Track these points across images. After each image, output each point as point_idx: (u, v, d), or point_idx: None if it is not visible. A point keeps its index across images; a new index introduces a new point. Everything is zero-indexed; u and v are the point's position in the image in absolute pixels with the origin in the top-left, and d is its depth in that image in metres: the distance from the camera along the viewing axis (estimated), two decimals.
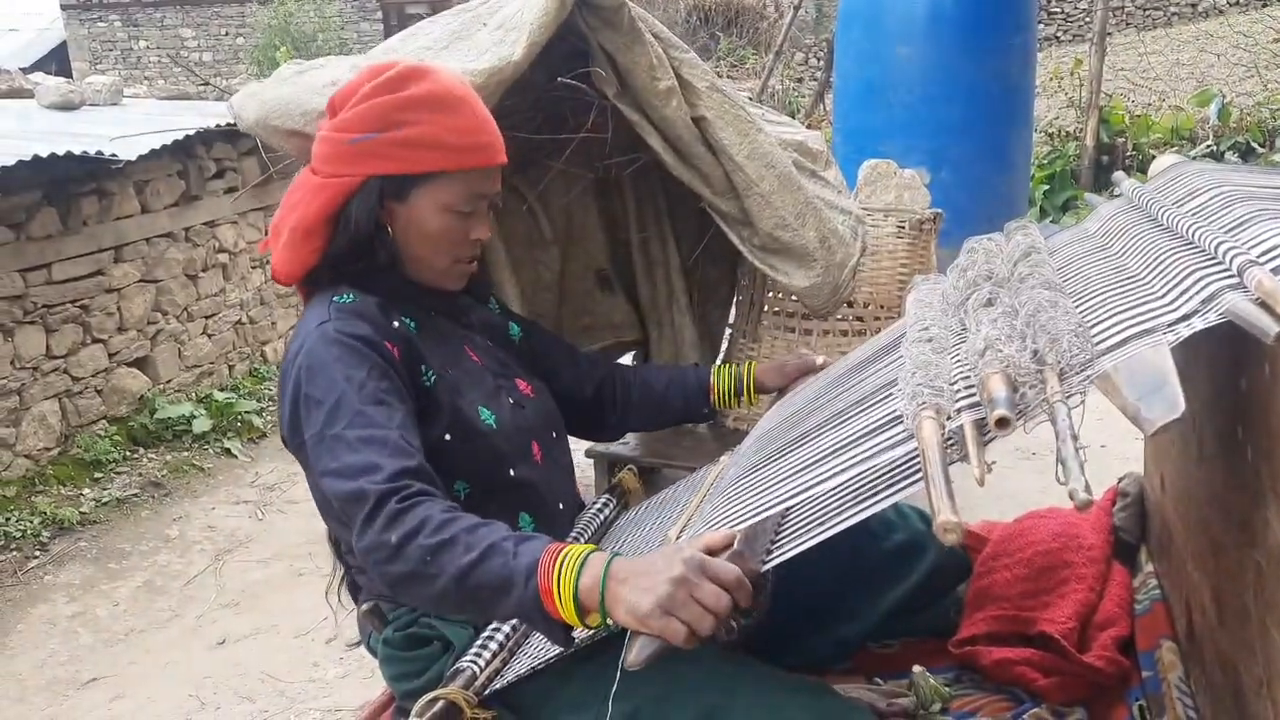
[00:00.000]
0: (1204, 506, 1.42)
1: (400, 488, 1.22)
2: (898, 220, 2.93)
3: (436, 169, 1.44)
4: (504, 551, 1.15)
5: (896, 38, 5.65)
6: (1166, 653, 1.52)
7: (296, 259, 1.49)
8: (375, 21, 17.22)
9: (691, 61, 2.11)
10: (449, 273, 1.53)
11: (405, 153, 1.43)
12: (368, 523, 1.21)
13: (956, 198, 4.50)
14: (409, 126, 1.42)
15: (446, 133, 1.43)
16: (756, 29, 14.56)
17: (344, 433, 1.28)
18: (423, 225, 1.47)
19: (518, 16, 1.96)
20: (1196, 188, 1.47)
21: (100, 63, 17.11)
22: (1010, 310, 1.17)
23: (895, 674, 1.64)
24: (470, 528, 1.18)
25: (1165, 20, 14.10)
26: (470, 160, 1.45)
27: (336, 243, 1.47)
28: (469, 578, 1.15)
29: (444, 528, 1.18)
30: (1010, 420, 0.92)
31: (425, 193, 1.45)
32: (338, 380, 1.33)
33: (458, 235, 1.49)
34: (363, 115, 1.43)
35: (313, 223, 1.46)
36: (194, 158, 4.86)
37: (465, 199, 1.47)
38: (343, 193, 1.45)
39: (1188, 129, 8.47)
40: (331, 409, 1.31)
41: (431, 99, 1.43)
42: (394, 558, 1.19)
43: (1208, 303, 0.99)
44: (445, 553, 1.16)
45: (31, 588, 3.46)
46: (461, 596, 1.17)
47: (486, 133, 1.47)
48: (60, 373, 4.19)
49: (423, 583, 1.19)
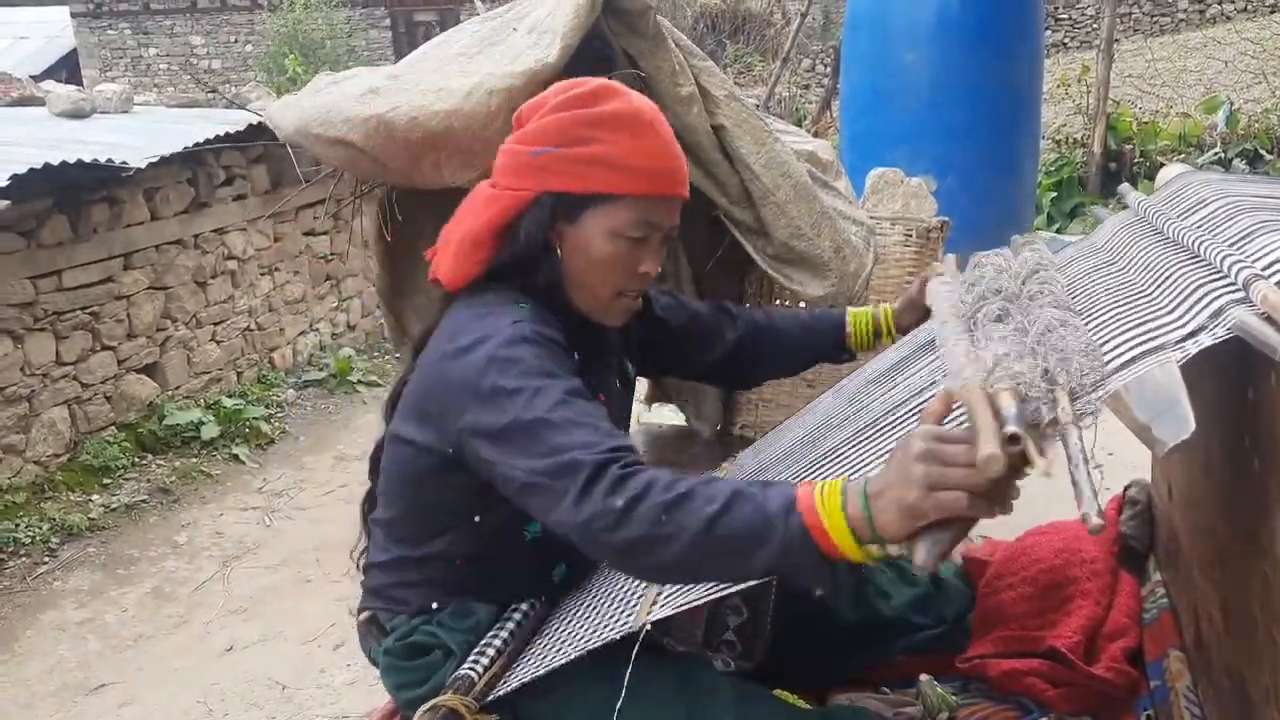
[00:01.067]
0: (1211, 516, 1.42)
1: (618, 457, 1.15)
2: (905, 228, 2.93)
3: (612, 191, 1.37)
4: (750, 498, 1.07)
5: (903, 44, 5.66)
6: (1174, 662, 1.52)
7: (460, 268, 1.44)
8: (383, 29, 17.26)
9: (710, 69, 2.12)
10: (611, 307, 1.46)
11: (583, 170, 1.37)
12: (586, 491, 1.13)
13: (963, 205, 4.49)
14: (592, 144, 1.37)
15: (629, 154, 1.37)
16: (763, 36, 14.57)
17: (549, 415, 1.21)
18: (590, 250, 1.40)
19: (549, 20, 1.97)
20: (1202, 199, 1.47)
21: (110, 70, 17.17)
22: (1021, 328, 1.17)
23: (902, 683, 1.64)
24: (705, 481, 1.11)
25: (1173, 26, 14.08)
26: (648, 186, 1.39)
27: (501, 256, 1.42)
28: (716, 528, 1.07)
29: (675, 485, 1.10)
30: (1021, 437, 0.91)
31: (597, 216, 1.38)
32: (538, 373, 1.26)
33: (625, 265, 1.41)
34: (547, 128, 1.39)
35: (482, 233, 1.42)
36: (203, 165, 4.88)
37: (637, 225, 1.39)
38: (515, 206, 1.40)
39: (1195, 136, 8.47)
40: (533, 395, 1.23)
41: (619, 118, 1.38)
42: (621, 522, 1.10)
43: (1215, 318, 0.99)
44: (683, 507, 1.08)
45: (40, 594, 3.47)
46: (707, 551, 1.08)
47: (670, 159, 1.41)
48: (70, 379, 4.21)
49: (658, 545, 1.09)
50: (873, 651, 1.68)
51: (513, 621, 1.43)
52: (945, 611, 1.73)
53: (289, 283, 5.65)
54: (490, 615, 1.45)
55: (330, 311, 6.10)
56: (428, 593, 1.47)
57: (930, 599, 1.73)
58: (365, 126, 1.97)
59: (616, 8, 1.99)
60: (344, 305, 6.23)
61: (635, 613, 1.26)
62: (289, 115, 2.14)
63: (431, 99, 1.94)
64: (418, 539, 1.47)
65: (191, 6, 17.33)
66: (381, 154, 1.98)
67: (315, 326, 5.93)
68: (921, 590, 1.73)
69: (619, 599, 1.34)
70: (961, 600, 1.76)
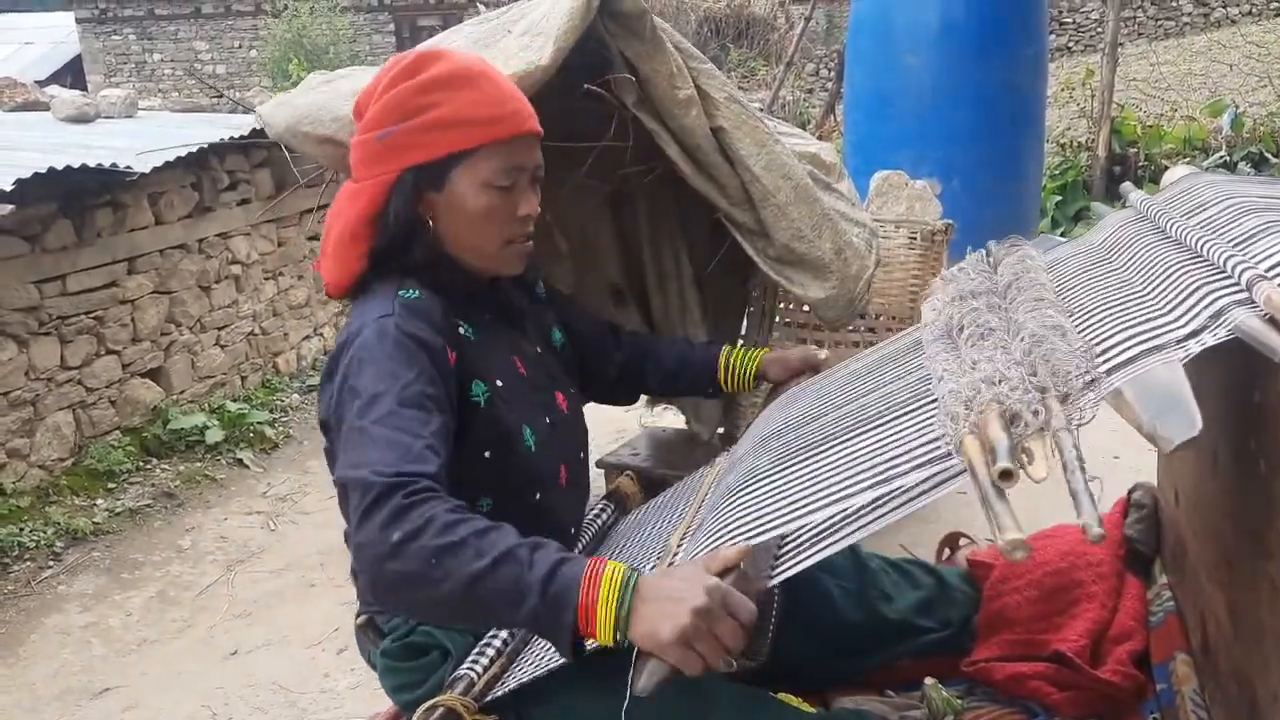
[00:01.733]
0: (1218, 519, 1.42)
1: (407, 483, 1.16)
2: (909, 231, 2.93)
3: (466, 147, 1.40)
4: (519, 560, 1.10)
5: (907, 48, 5.66)
6: (1181, 666, 1.51)
7: (343, 267, 1.47)
8: (387, 34, 17.31)
9: (710, 72, 2.11)
10: (503, 255, 1.48)
11: (432, 136, 1.40)
12: (368, 515, 1.15)
13: (967, 208, 4.49)
14: (433, 109, 1.39)
15: (469, 107, 1.39)
16: (767, 40, 14.57)
17: (370, 427, 1.24)
18: (466, 208, 1.42)
19: (543, 23, 1.97)
20: (1206, 199, 1.46)
21: (115, 75, 17.23)
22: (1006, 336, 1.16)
23: (907, 686, 1.63)
24: (479, 531, 1.13)
25: (1177, 30, 14.06)
26: (498, 131, 1.41)
27: (378, 244, 1.45)
28: (477, 585, 1.10)
29: (451, 529, 1.12)
30: (1012, 473, 0.90)
31: (461, 174, 1.41)
32: (383, 377, 1.29)
33: (504, 213, 1.44)
34: (385, 109, 1.42)
35: (356, 227, 1.44)
36: (207, 170, 4.89)
37: (502, 173, 1.42)
38: (381, 192, 1.42)
39: (1200, 139, 8.45)
40: (367, 403, 1.26)
41: (449, 77, 1.40)
42: (393, 556, 1.12)
43: (1216, 318, 0.98)
44: (453, 555, 1.11)
45: (45, 598, 3.47)
46: (466, 603, 1.13)
47: (511, 101, 1.44)
48: (74, 383, 4.21)
49: (423, 585, 1.12)
50: (877, 654, 1.67)
51: None
52: (950, 614, 1.72)
53: (293, 287, 5.65)
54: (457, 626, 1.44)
55: (334, 316, 6.09)
56: None
57: (934, 602, 1.72)
58: (353, 125, 1.98)
59: (613, 10, 1.98)
60: (348, 310, 6.21)
61: None
62: (281, 113, 2.15)
63: None
64: None
65: (196, 12, 17.39)
66: None
67: (319, 331, 5.93)
68: (926, 593, 1.73)
69: None
70: (966, 603, 1.75)
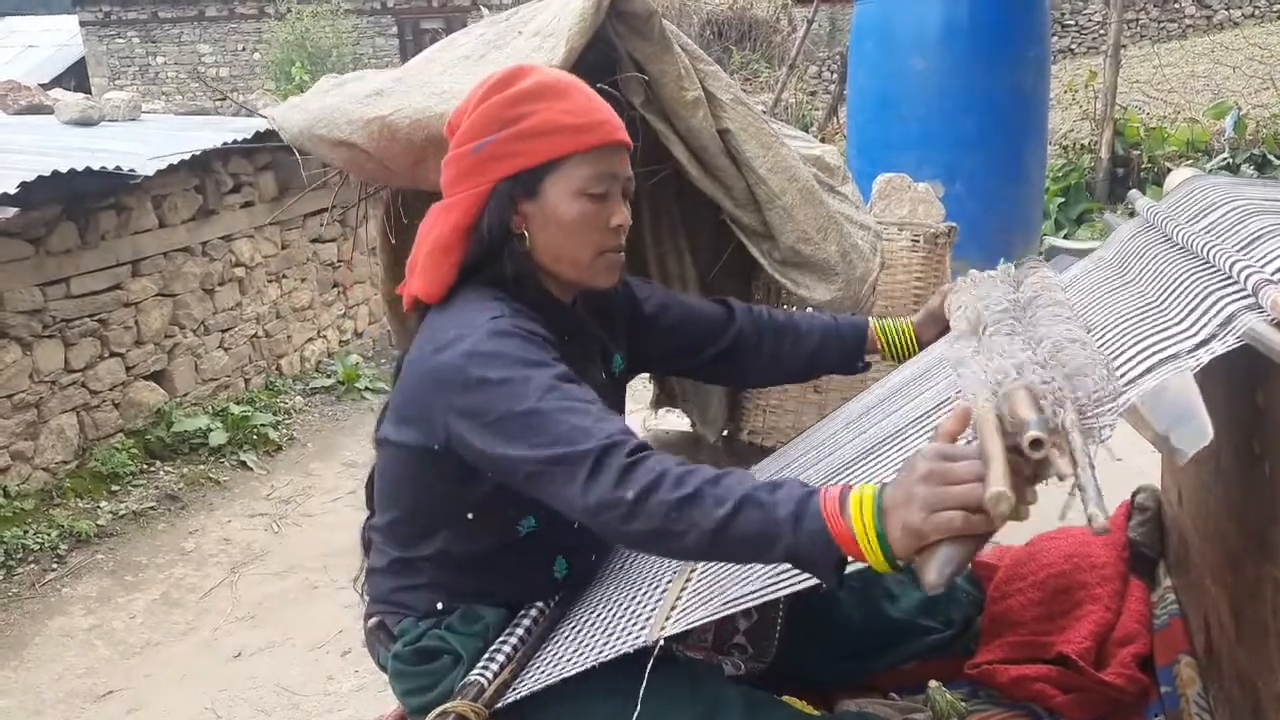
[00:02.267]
0: (1221, 521, 1.42)
1: (623, 441, 1.18)
2: (912, 234, 2.92)
3: (560, 154, 1.41)
4: (760, 503, 1.09)
5: (910, 51, 5.66)
6: (1185, 668, 1.51)
7: (435, 277, 1.45)
8: (390, 37, 17.32)
9: (716, 74, 2.11)
10: (595, 266, 1.47)
11: (527, 145, 1.40)
12: (594, 479, 1.16)
13: (971, 211, 4.49)
14: (525, 119, 1.40)
15: (562, 115, 1.40)
16: (770, 42, 14.59)
17: (541, 406, 1.23)
18: (559, 216, 1.42)
19: (554, 24, 1.97)
20: (1211, 203, 1.47)
21: (118, 78, 17.25)
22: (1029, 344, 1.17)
23: (910, 689, 1.63)
24: (713, 479, 1.13)
25: (1180, 32, 14.06)
26: (590, 139, 1.42)
27: (470, 255, 1.44)
28: (726, 530, 1.09)
29: (684, 481, 1.12)
30: (1044, 442, 0.90)
31: (555, 182, 1.42)
32: (524, 364, 1.28)
33: (597, 221, 1.43)
34: (478, 122, 1.42)
35: (449, 240, 1.43)
36: (211, 173, 4.90)
37: (595, 180, 1.42)
38: (475, 203, 1.42)
39: (1203, 141, 8.45)
40: (520, 385, 1.25)
41: (541, 89, 1.41)
42: (632, 515, 1.13)
43: (1225, 326, 0.99)
44: (693, 506, 1.11)
45: (49, 600, 3.48)
46: (716, 549, 1.13)
47: (601, 111, 1.44)
48: (78, 386, 4.22)
49: (669, 539, 1.14)
50: (880, 654, 1.67)
51: (522, 627, 1.42)
52: (953, 614, 1.72)
53: (296, 290, 5.66)
54: (499, 619, 1.44)
55: (337, 318, 6.10)
56: (431, 595, 1.47)
57: (938, 601, 1.72)
58: (369, 128, 1.98)
59: (622, 11, 1.98)
60: (351, 312, 6.24)
61: (650, 627, 1.25)
62: (294, 117, 2.15)
63: (435, 101, 1.94)
64: (414, 540, 1.48)
65: (199, 15, 17.42)
66: (384, 155, 1.99)
67: (323, 333, 5.94)
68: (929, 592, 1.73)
69: (633, 611, 1.34)
70: (969, 603, 1.75)
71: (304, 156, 2.24)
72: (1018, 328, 1.27)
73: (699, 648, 1.58)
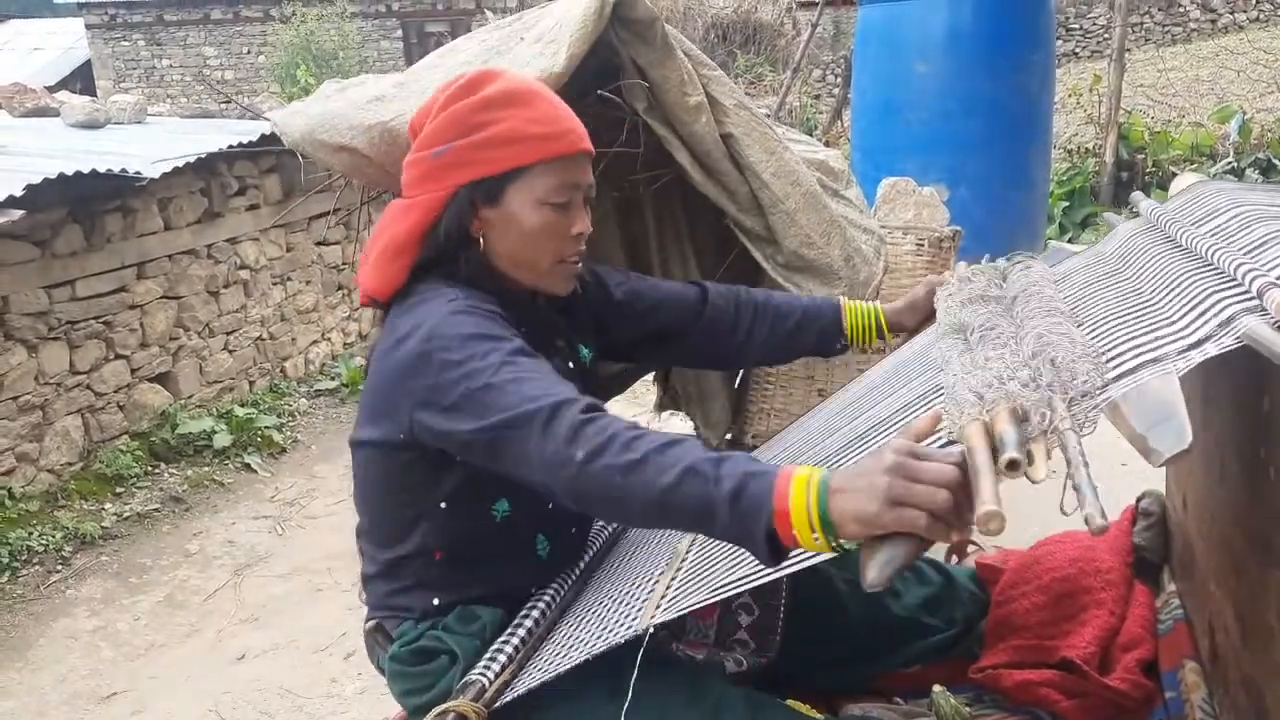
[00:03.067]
0: (1226, 526, 1.42)
1: (573, 399, 1.19)
2: (917, 238, 2.93)
3: (524, 163, 1.41)
4: (703, 476, 1.08)
5: (915, 55, 5.66)
6: (1190, 674, 1.51)
7: (384, 277, 1.46)
8: (395, 40, 17.34)
9: (719, 79, 2.12)
10: (554, 274, 1.49)
11: (490, 153, 1.41)
12: (547, 432, 1.17)
13: (975, 215, 4.49)
14: (490, 126, 1.40)
15: (527, 124, 1.41)
16: (774, 46, 14.58)
17: (496, 380, 1.24)
18: (521, 225, 1.43)
19: (556, 30, 1.98)
20: (1216, 207, 1.47)
21: (124, 81, 17.29)
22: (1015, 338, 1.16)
23: (914, 693, 1.63)
24: (660, 447, 1.12)
25: (1185, 36, 14.04)
26: (555, 149, 1.43)
27: (424, 256, 1.45)
28: (667, 500, 1.09)
29: (632, 445, 1.12)
30: (1019, 463, 0.90)
31: (517, 191, 1.42)
32: (481, 341, 1.29)
33: (558, 230, 1.45)
34: (442, 126, 1.43)
35: (403, 241, 1.44)
36: (216, 175, 4.91)
37: (558, 190, 1.43)
38: (434, 207, 1.43)
39: (1208, 145, 8.43)
40: (476, 363, 1.26)
41: (506, 95, 1.42)
42: (580, 475, 1.14)
43: (1224, 327, 0.98)
44: (637, 473, 1.11)
45: (53, 602, 3.48)
46: (658, 516, 1.14)
47: (566, 120, 1.45)
48: (83, 388, 4.22)
49: (610, 503, 1.15)
50: (883, 655, 1.67)
51: (524, 629, 1.42)
52: (955, 612, 1.72)
53: (301, 292, 5.67)
54: (496, 619, 1.45)
55: (342, 321, 6.11)
56: (424, 593, 1.47)
57: (942, 599, 1.72)
58: (370, 133, 1.98)
59: (625, 18, 1.99)
60: (356, 314, 6.25)
61: (640, 616, 1.26)
62: (296, 122, 2.15)
63: None
64: (395, 539, 1.48)
65: (205, 18, 17.45)
66: (385, 160, 2.00)
67: (327, 336, 5.95)
68: (933, 589, 1.72)
69: (625, 603, 1.34)
70: (973, 603, 1.75)
71: (306, 161, 2.25)
72: (1005, 325, 1.27)
73: (701, 644, 1.58)
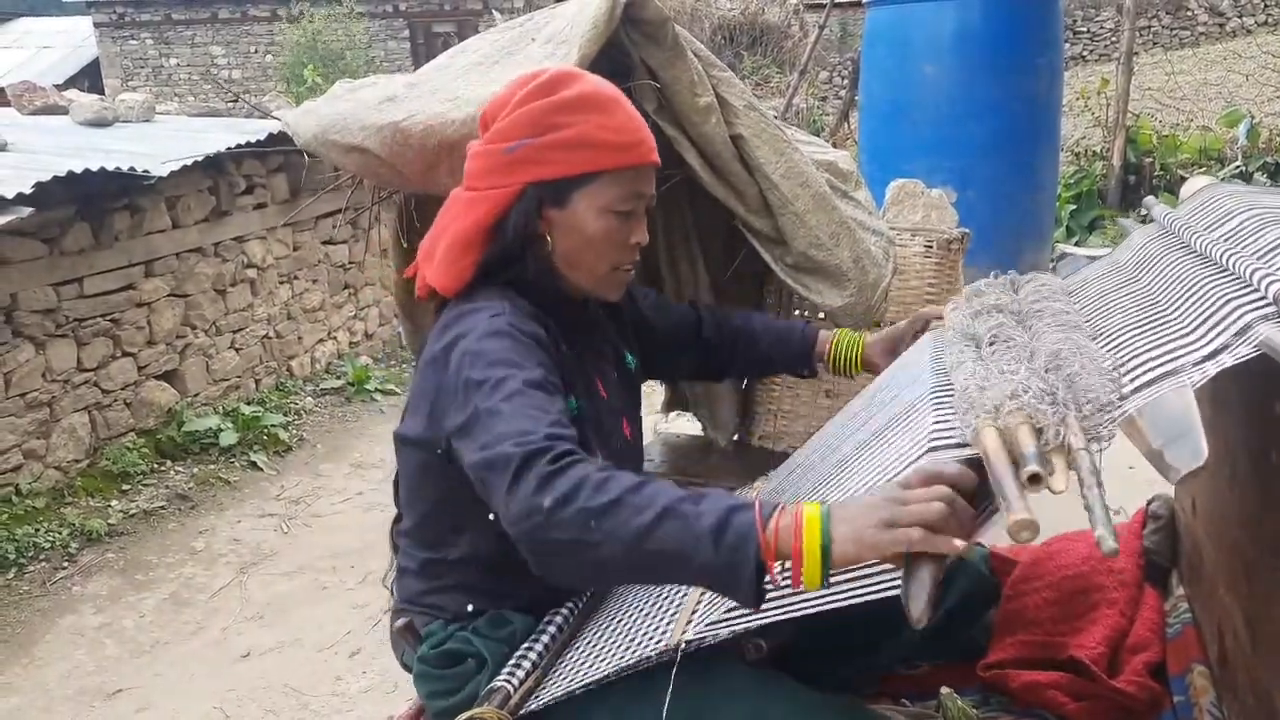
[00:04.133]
0: (1236, 530, 1.41)
1: (549, 448, 1.15)
2: (925, 240, 2.92)
3: (595, 169, 1.41)
4: (681, 515, 1.07)
5: (923, 57, 5.64)
6: (1198, 677, 1.50)
7: (453, 273, 1.46)
8: (402, 40, 17.35)
9: (729, 80, 2.11)
10: (609, 280, 1.49)
11: (563, 155, 1.40)
12: (516, 484, 1.13)
13: (983, 217, 4.47)
14: (565, 129, 1.40)
15: (602, 131, 1.40)
16: (781, 47, 14.57)
17: (500, 405, 1.23)
18: (584, 229, 1.43)
19: (567, 31, 1.98)
20: (1229, 211, 1.46)
21: (132, 79, 17.32)
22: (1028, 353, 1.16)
23: (922, 695, 1.63)
24: (634, 487, 1.10)
25: (1193, 40, 14.02)
26: (628, 158, 1.42)
27: (491, 253, 1.45)
28: (645, 542, 1.07)
29: (604, 488, 1.09)
30: (1042, 477, 0.91)
31: (584, 195, 1.42)
32: (503, 365, 1.28)
33: (619, 238, 1.45)
34: (517, 122, 1.42)
35: (471, 235, 1.44)
36: (224, 174, 4.91)
37: (625, 199, 1.43)
38: (501, 203, 1.43)
39: (1216, 149, 8.42)
40: (493, 386, 1.25)
41: (584, 100, 1.41)
42: (549, 524, 1.10)
43: (1240, 335, 0.98)
44: (612, 515, 1.08)
45: (59, 598, 3.49)
46: (632, 563, 1.10)
47: (639, 130, 1.44)
48: (90, 385, 4.23)
49: (586, 550, 1.10)
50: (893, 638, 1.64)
51: (547, 634, 1.42)
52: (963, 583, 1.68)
53: (307, 291, 5.67)
54: (526, 625, 1.44)
55: (348, 320, 6.12)
56: (462, 597, 1.47)
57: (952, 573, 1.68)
58: (381, 134, 1.98)
59: (635, 18, 1.99)
60: (362, 314, 6.25)
61: (670, 632, 1.25)
62: (308, 122, 2.15)
63: (447, 107, 1.95)
64: (440, 542, 1.48)
65: (213, 17, 17.47)
66: (397, 161, 2.00)
67: (333, 335, 5.95)
68: None
69: (651, 615, 1.33)
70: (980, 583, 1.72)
71: (315, 161, 2.25)
72: (1019, 337, 1.27)
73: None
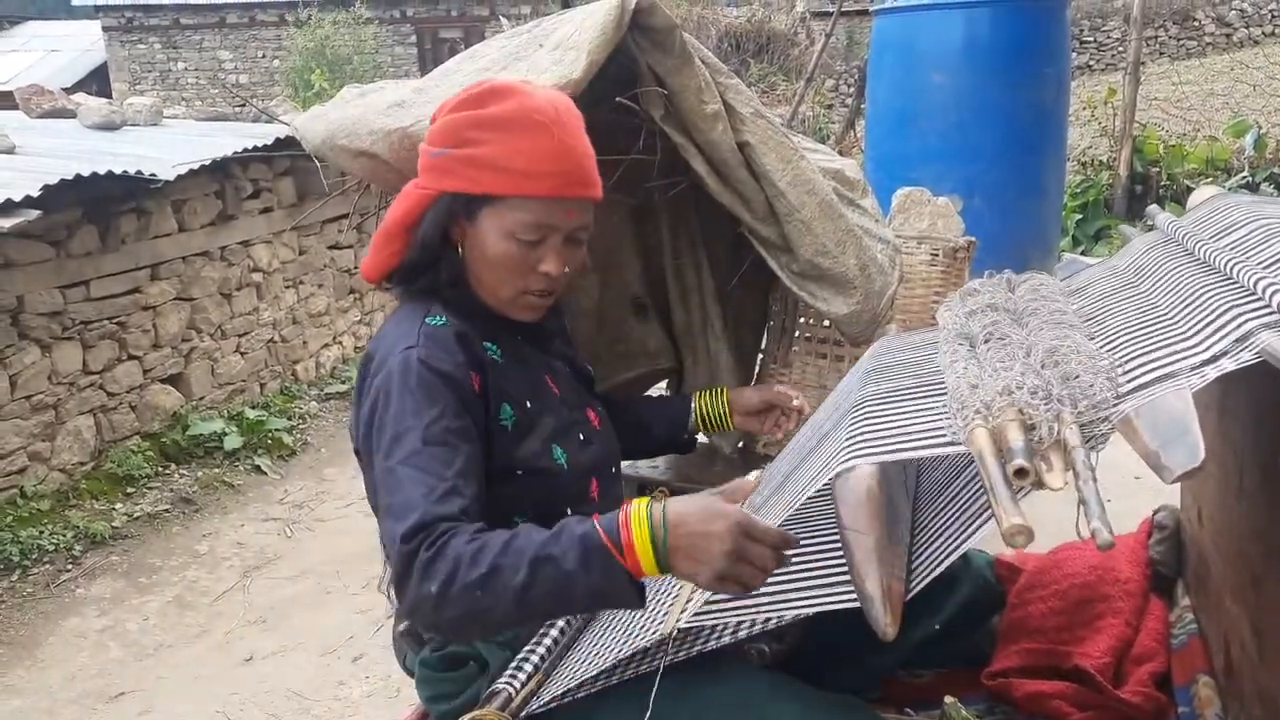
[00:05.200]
0: (1244, 541, 1.41)
1: (424, 536, 1.20)
2: (931, 248, 2.93)
3: (499, 192, 1.39)
4: (549, 559, 1.15)
5: (930, 65, 5.65)
6: (1203, 688, 1.50)
7: (377, 260, 1.50)
8: (409, 45, 17.39)
9: (736, 87, 2.12)
10: (515, 303, 1.48)
11: (471, 172, 1.40)
12: (404, 579, 1.20)
13: (989, 226, 4.48)
14: (478, 145, 1.39)
15: (513, 155, 1.37)
16: (787, 55, 14.58)
17: (397, 468, 1.28)
18: (485, 249, 1.43)
19: (575, 37, 1.98)
20: (1234, 221, 1.46)
21: (139, 83, 17.37)
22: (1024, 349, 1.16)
23: (927, 704, 1.62)
24: (501, 549, 1.17)
25: (1199, 50, 14.02)
26: (535, 188, 1.39)
27: (410, 252, 1.47)
28: (527, 596, 1.15)
29: (479, 558, 1.16)
30: (1028, 470, 0.91)
31: (490, 215, 1.41)
32: (407, 414, 1.32)
33: (521, 264, 1.43)
34: (442, 129, 1.43)
35: (392, 229, 1.47)
36: (231, 178, 4.92)
37: (528, 227, 1.40)
38: (420, 204, 1.44)
39: (1223, 159, 8.41)
40: (393, 441, 1.31)
41: (507, 119, 1.38)
42: (441, 605, 1.17)
43: (1241, 342, 0.98)
44: (493, 581, 1.15)
45: (63, 601, 3.49)
46: (525, 613, 1.20)
47: (564, 161, 1.40)
48: (96, 388, 4.24)
49: (479, 617, 1.19)
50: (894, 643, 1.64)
51: (549, 638, 1.42)
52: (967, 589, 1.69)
53: (313, 295, 5.68)
54: (527, 628, 1.44)
55: (353, 324, 6.13)
56: None
57: (955, 576, 1.68)
58: (389, 139, 1.99)
59: (643, 25, 1.99)
60: (367, 318, 6.26)
61: (664, 619, 1.27)
62: (317, 127, 2.16)
63: None
64: None
65: (220, 22, 17.53)
66: (404, 166, 2.00)
67: (338, 339, 5.96)
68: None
69: (647, 608, 1.33)
70: (984, 589, 1.72)
71: (323, 165, 2.26)
72: (1015, 335, 1.26)
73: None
